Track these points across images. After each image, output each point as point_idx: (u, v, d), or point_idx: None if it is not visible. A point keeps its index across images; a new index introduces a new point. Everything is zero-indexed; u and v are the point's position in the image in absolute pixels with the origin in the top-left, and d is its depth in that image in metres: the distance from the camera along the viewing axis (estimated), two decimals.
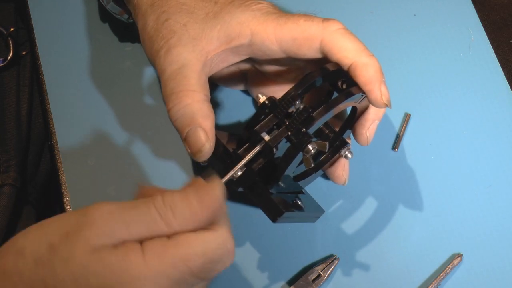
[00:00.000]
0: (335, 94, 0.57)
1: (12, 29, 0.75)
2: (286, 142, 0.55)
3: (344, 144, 0.60)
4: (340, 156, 0.61)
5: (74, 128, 0.68)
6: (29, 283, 0.42)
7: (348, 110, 0.61)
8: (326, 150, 0.58)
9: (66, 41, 0.72)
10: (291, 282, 0.63)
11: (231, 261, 0.45)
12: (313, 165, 0.58)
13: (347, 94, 0.55)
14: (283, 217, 0.54)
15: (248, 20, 0.56)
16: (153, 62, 0.57)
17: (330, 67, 0.56)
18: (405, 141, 0.68)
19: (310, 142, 0.54)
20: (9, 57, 0.74)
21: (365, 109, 0.59)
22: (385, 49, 0.71)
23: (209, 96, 0.56)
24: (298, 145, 0.54)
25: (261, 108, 0.55)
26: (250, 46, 0.57)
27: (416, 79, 0.71)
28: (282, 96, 0.55)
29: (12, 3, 0.78)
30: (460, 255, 0.64)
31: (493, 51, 0.72)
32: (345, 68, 0.56)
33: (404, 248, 0.64)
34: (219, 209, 0.45)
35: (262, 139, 0.54)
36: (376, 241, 0.65)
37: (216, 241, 0.44)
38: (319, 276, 0.63)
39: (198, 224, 0.44)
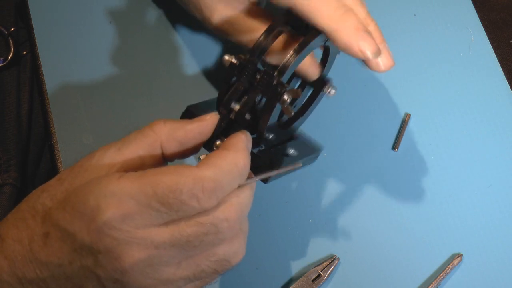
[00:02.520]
0: None
1: (12, 29, 0.75)
2: (261, 98, 0.54)
3: (326, 81, 0.60)
4: (326, 92, 0.60)
5: (74, 128, 0.68)
6: (31, 206, 0.48)
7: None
8: (299, 97, 0.56)
9: (66, 41, 0.72)
10: (291, 282, 0.63)
11: (206, 202, 0.45)
12: (293, 114, 0.56)
13: (310, 36, 0.54)
14: (272, 178, 0.54)
15: None
16: None
17: (291, 12, 0.55)
18: (405, 141, 0.68)
19: (284, 92, 0.53)
20: (9, 57, 0.74)
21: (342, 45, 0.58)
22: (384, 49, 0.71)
23: None
24: (273, 99, 0.53)
25: (228, 72, 0.54)
26: None
27: (416, 79, 0.71)
28: (248, 53, 0.54)
29: (12, 3, 0.78)
30: (460, 255, 0.64)
31: (493, 51, 0.72)
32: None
33: (404, 248, 0.64)
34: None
35: (232, 109, 0.54)
36: (376, 241, 0.65)
37: (191, 175, 0.45)
38: (319, 276, 0.63)
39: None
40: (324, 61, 0.61)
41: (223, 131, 0.54)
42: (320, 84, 0.60)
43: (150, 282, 0.46)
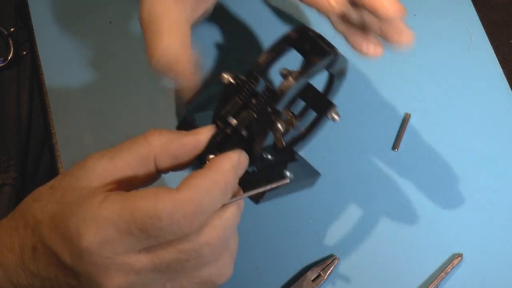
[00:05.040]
0: None
1: (12, 29, 0.75)
2: (255, 122, 0.52)
3: (329, 105, 0.57)
4: (329, 117, 0.58)
5: (74, 128, 0.68)
6: (23, 216, 0.48)
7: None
8: (294, 128, 0.55)
9: (66, 41, 0.72)
10: (291, 282, 0.63)
11: (186, 227, 0.44)
12: (284, 145, 0.55)
13: (312, 60, 0.52)
14: (265, 197, 0.52)
15: None
16: None
17: (293, 34, 0.53)
18: (405, 141, 0.68)
19: (278, 121, 0.51)
20: (9, 57, 0.74)
21: (343, 72, 0.57)
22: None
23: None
24: (266, 126, 0.52)
25: (225, 90, 0.53)
26: None
27: (416, 79, 0.71)
28: (245, 74, 0.52)
29: (12, 3, 0.78)
30: (460, 255, 0.64)
31: (493, 51, 0.72)
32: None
33: (404, 248, 0.64)
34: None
35: (230, 124, 0.52)
36: (376, 241, 0.65)
37: (169, 200, 0.44)
38: (319, 276, 0.63)
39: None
40: (329, 88, 0.59)
41: (217, 146, 0.52)
42: (324, 109, 0.57)
43: None
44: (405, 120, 0.69)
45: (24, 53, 0.76)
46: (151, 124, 0.68)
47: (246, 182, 0.50)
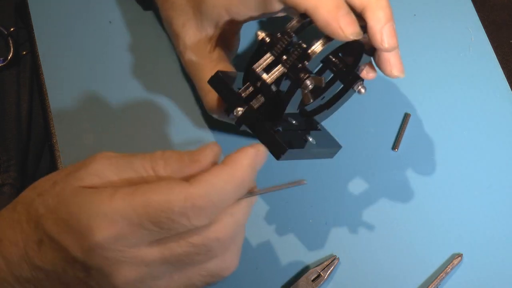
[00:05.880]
0: None
1: (12, 29, 0.75)
2: (285, 79, 0.55)
3: (356, 79, 0.59)
4: (356, 89, 0.60)
5: (74, 128, 0.68)
6: (26, 209, 0.48)
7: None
8: (323, 85, 0.57)
9: (66, 41, 0.72)
10: (291, 282, 0.63)
11: (196, 220, 0.44)
12: (312, 101, 0.57)
13: None
14: (287, 154, 0.54)
15: (219, 2, 0.60)
16: None
17: None
18: (405, 141, 0.68)
19: (308, 78, 0.53)
20: (9, 57, 0.74)
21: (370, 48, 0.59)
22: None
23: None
24: (295, 81, 0.54)
25: (260, 45, 0.56)
26: (232, 18, 0.61)
27: (416, 79, 0.71)
28: (279, 32, 0.55)
29: (12, 3, 0.78)
30: (460, 255, 0.64)
31: (493, 51, 0.72)
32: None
33: (404, 248, 0.64)
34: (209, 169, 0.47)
35: (260, 77, 0.55)
36: (376, 241, 0.65)
37: (182, 193, 0.44)
38: (319, 276, 0.63)
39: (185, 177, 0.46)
40: (356, 62, 0.60)
41: (247, 98, 0.55)
42: (351, 81, 0.59)
43: None
44: (405, 120, 0.69)
45: (24, 53, 0.76)
46: (151, 124, 0.68)
47: (272, 138, 0.53)
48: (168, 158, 0.47)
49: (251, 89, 0.56)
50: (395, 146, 0.68)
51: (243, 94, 0.56)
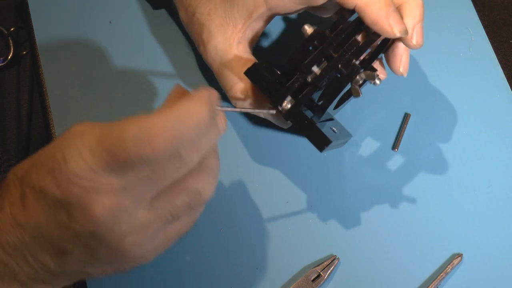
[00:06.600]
0: None
1: (12, 29, 0.75)
2: (335, 74, 0.57)
3: (373, 70, 0.60)
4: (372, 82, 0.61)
5: None
6: (14, 173, 0.48)
7: None
8: (374, 80, 0.58)
9: (66, 41, 0.72)
10: (291, 282, 0.63)
11: (149, 152, 0.44)
12: (361, 95, 0.59)
13: None
14: (329, 146, 0.56)
15: None
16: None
17: None
18: (405, 141, 0.68)
19: (359, 73, 0.56)
20: (9, 57, 0.74)
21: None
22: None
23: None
24: (348, 76, 0.56)
25: (308, 40, 0.57)
26: (270, 10, 0.60)
27: (416, 79, 0.71)
28: (331, 28, 0.57)
29: (12, 3, 0.78)
30: (460, 255, 0.64)
31: (493, 51, 0.72)
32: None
33: (404, 248, 0.64)
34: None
35: (312, 71, 0.56)
36: (376, 241, 0.65)
37: (139, 126, 0.44)
38: (319, 276, 0.63)
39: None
40: (374, 54, 0.61)
41: (295, 92, 0.56)
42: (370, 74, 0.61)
43: (125, 229, 0.46)
44: (405, 120, 0.69)
45: (24, 53, 0.76)
46: None
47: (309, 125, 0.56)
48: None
49: (299, 82, 0.57)
50: (395, 146, 0.68)
51: (290, 88, 0.57)
